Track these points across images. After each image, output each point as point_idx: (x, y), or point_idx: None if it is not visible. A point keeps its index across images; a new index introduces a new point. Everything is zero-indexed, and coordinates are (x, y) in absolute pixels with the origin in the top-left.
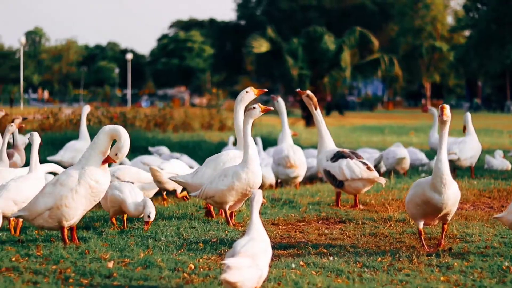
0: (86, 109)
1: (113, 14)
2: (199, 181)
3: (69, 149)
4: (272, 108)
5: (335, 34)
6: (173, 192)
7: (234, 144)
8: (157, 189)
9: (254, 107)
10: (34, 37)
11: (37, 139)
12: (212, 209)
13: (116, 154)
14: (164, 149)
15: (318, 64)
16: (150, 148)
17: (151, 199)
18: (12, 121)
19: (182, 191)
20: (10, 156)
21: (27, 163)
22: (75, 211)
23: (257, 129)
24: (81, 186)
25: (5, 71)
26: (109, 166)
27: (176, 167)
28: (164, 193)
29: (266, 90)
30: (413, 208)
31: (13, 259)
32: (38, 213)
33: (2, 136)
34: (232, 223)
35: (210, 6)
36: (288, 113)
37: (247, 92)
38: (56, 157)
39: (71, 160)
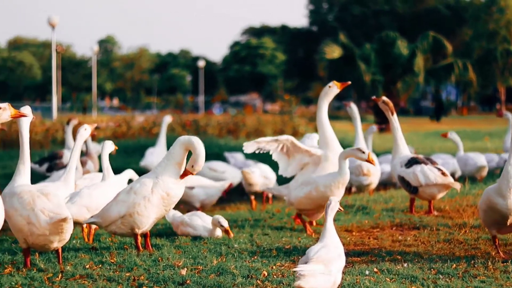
0: (167, 119)
1: (185, 22)
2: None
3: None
4: (349, 82)
5: (407, 39)
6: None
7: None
8: (219, 195)
9: (330, 86)
10: (106, 45)
11: (107, 147)
12: (302, 218)
13: (193, 166)
14: (239, 156)
15: (391, 70)
16: (226, 154)
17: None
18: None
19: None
20: (83, 163)
21: (100, 171)
22: (147, 219)
23: None
24: (154, 195)
25: (78, 80)
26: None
27: (264, 170)
28: (253, 197)
29: (349, 82)
30: (482, 215)
31: (87, 266)
32: (111, 220)
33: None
34: (310, 231)
35: (282, 13)
36: (361, 119)
37: (330, 86)
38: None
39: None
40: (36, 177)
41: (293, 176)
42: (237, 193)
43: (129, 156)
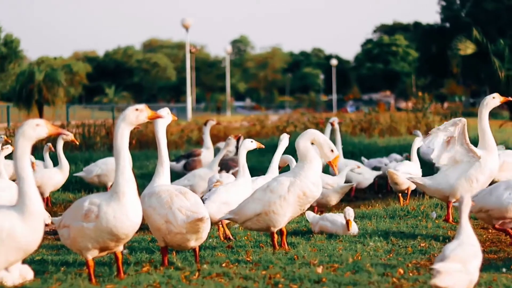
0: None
1: (317, 21)
2: (437, 184)
3: None
4: (510, 99)
5: None
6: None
7: None
8: (336, 197)
9: (494, 97)
10: (239, 45)
11: (246, 144)
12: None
13: (329, 157)
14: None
15: None
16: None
17: None
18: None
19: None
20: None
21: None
22: (282, 217)
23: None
24: (290, 194)
25: (212, 80)
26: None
27: (409, 168)
28: (400, 194)
29: (511, 99)
30: None
31: (224, 264)
32: (247, 217)
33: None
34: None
35: (414, 9)
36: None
37: (493, 98)
38: None
39: None
40: (173, 176)
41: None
42: (372, 191)
43: (262, 155)
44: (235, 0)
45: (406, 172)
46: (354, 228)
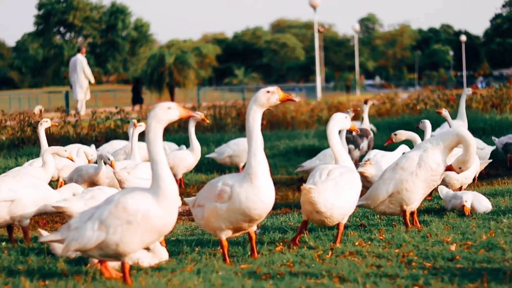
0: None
1: None
2: None
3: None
4: None
5: None
6: None
7: None
8: None
9: None
10: (367, 23)
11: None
12: None
13: (460, 168)
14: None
15: None
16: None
17: None
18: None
19: None
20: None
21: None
22: (415, 195)
23: None
24: (421, 169)
25: (341, 59)
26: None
27: None
28: None
29: None
30: None
31: (356, 243)
32: (380, 200)
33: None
34: None
35: None
36: None
37: None
38: None
39: None
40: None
41: None
42: (504, 168)
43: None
44: None
45: None
46: (486, 205)
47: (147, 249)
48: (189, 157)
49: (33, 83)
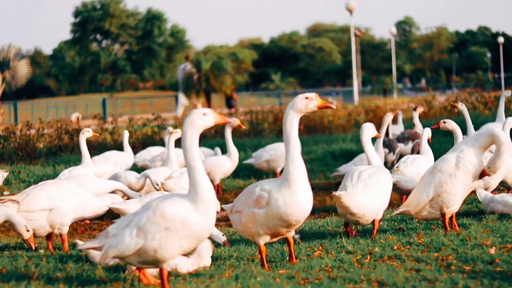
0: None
1: None
2: None
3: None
4: None
5: None
6: None
7: None
8: None
9: None
10: (404, 26)
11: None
12: None
13: (489, 167)
14: None
15: None
16: None
17: None
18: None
19: None
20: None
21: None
22: (455, 197)
23: None
24: (459, 171)
25: (378, 62)
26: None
27: None
28: None
29: None
30: None
31: (395, 247)
32: (421, 205)
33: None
34: None
35: None
36: None
37: None
38: None
39: None
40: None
41: None
42: None
43: (445, 135)
44: None
45: None
46: None
47: (186, 254)
48: (226, 162)
49: (70, 91)
